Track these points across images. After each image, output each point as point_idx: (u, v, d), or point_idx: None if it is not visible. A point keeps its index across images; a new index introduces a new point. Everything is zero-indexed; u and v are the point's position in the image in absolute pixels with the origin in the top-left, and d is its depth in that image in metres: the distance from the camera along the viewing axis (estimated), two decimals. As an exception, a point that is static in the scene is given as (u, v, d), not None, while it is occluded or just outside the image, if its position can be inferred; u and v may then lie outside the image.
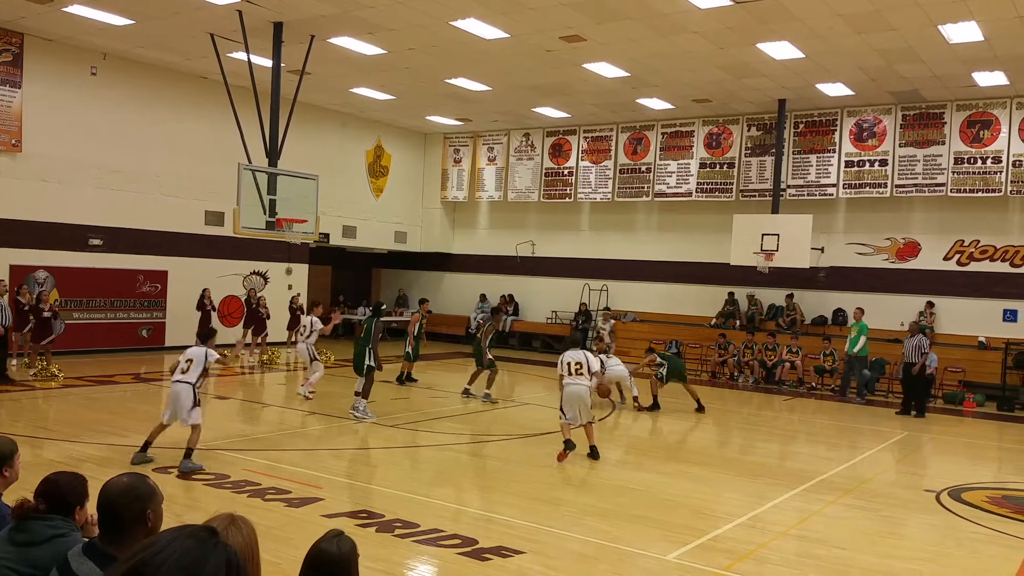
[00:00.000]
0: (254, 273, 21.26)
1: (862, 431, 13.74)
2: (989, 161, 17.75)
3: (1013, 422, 15.40)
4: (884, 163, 18.84)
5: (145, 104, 18.67)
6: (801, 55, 15.27)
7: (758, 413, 15.44)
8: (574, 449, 9.73)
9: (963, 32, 13.54)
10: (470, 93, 19.86)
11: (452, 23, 14.37)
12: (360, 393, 12.30)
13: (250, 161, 15.32)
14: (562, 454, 9.71)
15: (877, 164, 18.93)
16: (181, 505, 7.40)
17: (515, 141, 24.50)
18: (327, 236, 21.93)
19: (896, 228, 19.63)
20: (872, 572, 6.50)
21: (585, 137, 23.15)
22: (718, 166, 21.01)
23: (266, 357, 18.29)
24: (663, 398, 14.58)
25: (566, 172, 23.51)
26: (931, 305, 18.91)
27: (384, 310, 12.97)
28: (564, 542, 6.88)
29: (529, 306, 24.79)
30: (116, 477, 2.88)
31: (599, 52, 15.79)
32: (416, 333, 15.86)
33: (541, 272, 24.77)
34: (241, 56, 15.71)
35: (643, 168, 22.11)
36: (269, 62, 15.64)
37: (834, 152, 19.48)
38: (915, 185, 18.54)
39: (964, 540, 7.60)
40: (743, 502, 8.50)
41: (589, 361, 10.08)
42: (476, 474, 9.66)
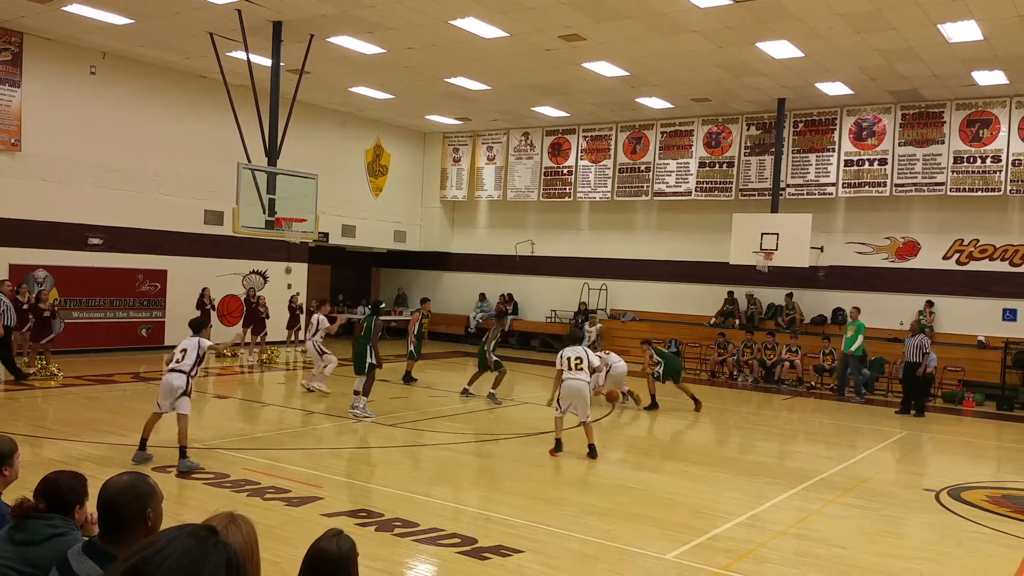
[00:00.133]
0: (253, 272, 21.26)
1: (861, 430, 13.75)
2: (988, 160, 17.75)
3: (1012, 421, 15.41)
4: (883, 162, 18.84)
5: (144, 103, 18.66)
6: (800, 54, 15.27)
7: (757, 412, 15.45)
8: (562, 451, 10.07)
9: (963, 31, 13.54)
10: (469, 92, 19.85)
11: (451, 22, 14.37)
12: (360, 391, 12.27)
13: (249, 160, 15.32)
14: (553, 451, 10.09)
15: (876, 163, 18.93)
16: (181, 504, 7.40)
17: (514, 140, 24.50)
18: (326, 235, 21.94)
19: (895, 227, 19.63)
20: (872, 571, 6.51)
21: (584, 136, 23.15)
22: (717, 165, 21.01)
23: (265, 356, 18.29)
24: (660, 397, 14.57)
25: (565, 171, 23.51)
26: (930, 304, 18.91)
27: (383, 309, 12.98)
28: (564, 541, 6.88)
29: (528, 305, 24.78)
30: (116, 476, 2.88)
31: (598, 51, 15.79)
32: (416, 332, 15.88)
33: (540, 271, 24.77)
34: (240, 55, 15.71)
35: (642, 167, 22.11)
36: (268, 61, 15.63)
37: (833, 151, 19.48)
38: (914, 184, 18.54)
39: (964, 539, 7.60)
40: (742, 501, 8.50)
41: (589, 357, 10.29)
42: (475, 473, 9.66)
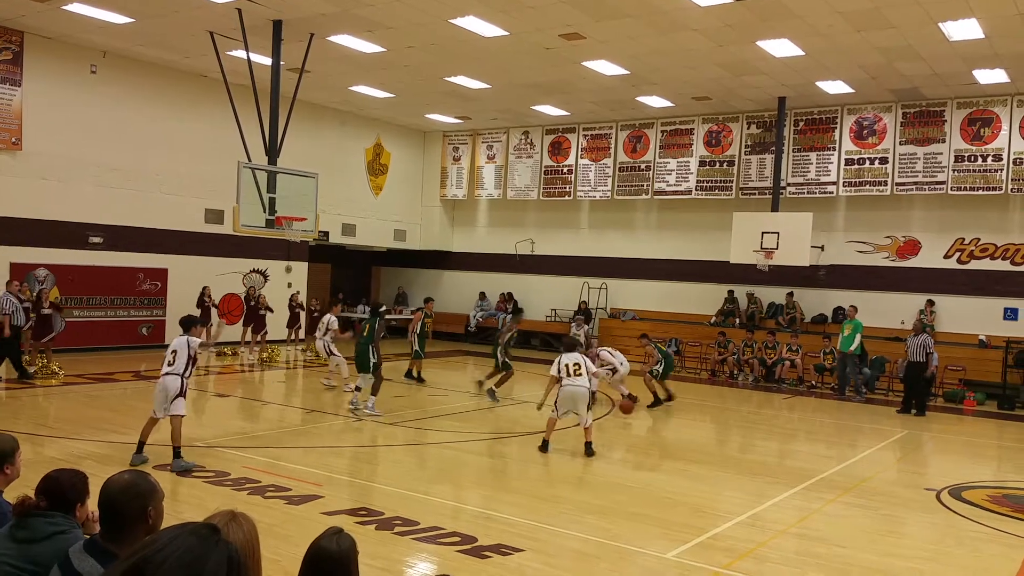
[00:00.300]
0: (254, 271, 21.27)
1: (862, 429, 13.75)
2: (990, 159, 17.73)
3: (1013, 421, 15.40)
4: (884, 161, 18.82)
5: (145, 102, 18.66)
6: (801, 53, 15.26)
7: (758, 411, 15.45)
8: (547, 451, 10.21)
9: (963, 29, 13.52)
10: (469, 91, 19.83)
11: (451, 21, 14.35)
12: (363, 389, 12.48)
13: (250, 159, 15.31)
14: (540, 449, 10.30)
15: (877, 162, 18.92)
16: (181, 503, 7.40)
17: (514, 139, 24.49)
18: (326, 234, 21.95)
19: (896, 226, 19.62)
20: (872, 571, 6.51)
21: (584, 135, 23.13)
22: (718, 164, 20.99)
23: (266, 355, 18.30)
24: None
25: (565, 170, 23.49)
26: (931, 303, 18.90)
27: (383, 311, 13.04)
28: (564, 540, 6.88)
29: (528, 304, 24.74)
30: (117, 474, 2.88)
31: (598, 50, 15.78)
32: (420, 331, 15.83)
33: (540, 270, 24.76)
34: (241, 54, 15.70)
35: (643, 166, 22.10)
36: (269, 60, 15.63)
37: (834, 150, 19.46)
38: (915, 183, 18.52)
39: (964, 539, 7.60)
40: (743, 500, 8.50)
41: (587, 364, 10.44)
42: (476, 472, 9.66)
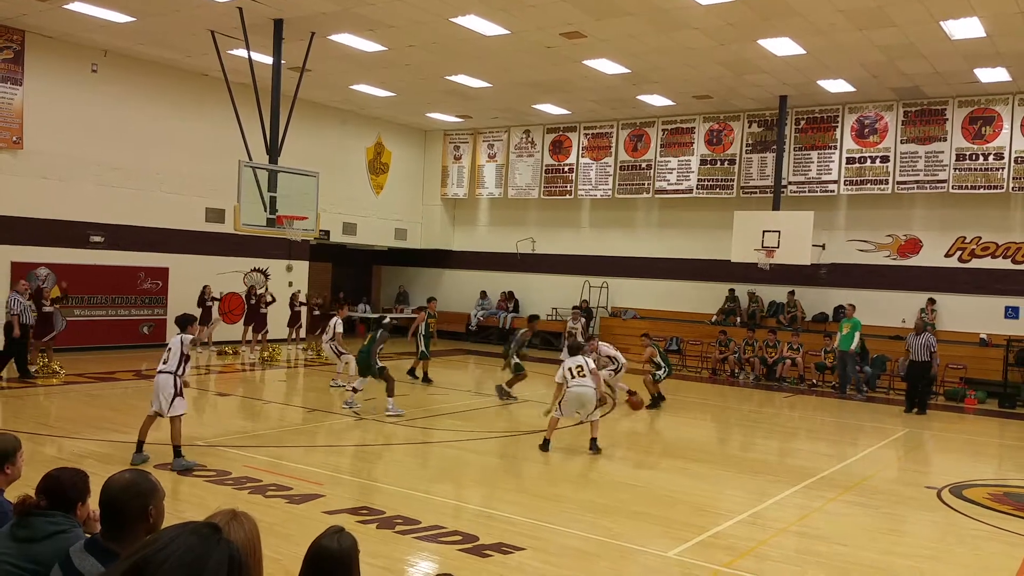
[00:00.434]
0: (255, 270, 21.27)
1: (863, 428, 13.74)
2: (991, 157, 17.71)
3: (1014, 419, 15.39)
4: (885, 159, 18.81)
5: (146, 101, 18.66)
6: (802, 51, 15.24)
7: (759, 410, 15.45)
8: (547, 450, 10.26)
9: (965, 28, 13.50)
10: (470, 90, 19.83)
11: (452, 20, 14.35)
12: (360, 389, 12.77)
13: (250, 158, 15.31)
14: (541, 448, 10.37)
15: (878, 160, 18.90)
16: (182, 502, 7.41)
17: (515, 138, 24.48)
18: (327, 233, 21.94)
19: (897, 225, 19.60)
20: (873, 569, 6.51)
21: (585, 134, 23.12)
22: (719, 163, 20.98)
23: (267, 354, 18.31)
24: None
25: (566, 169, 23.49)
26: (932, 302, 18.88)
27: (387, 323, 13.30)
28: (564, 538, 6.88)
29: (529, 303, 24.75)
30: (118, 473, 2.88)
31: (599, 48, 15.77)
32: (424, 332, 15.76)
33: (541, 269, 24.75)
34: (241, 53, 15.69)
35: (643, 165, 22.09)
36: (269, 59, 15.62)
37: (835, 148, 19.45)
38: (916, 182, 18.51)
39: (965, 537, 7.60)
40: (744, 499, 8.50)
41: (589, 365, 10.59)
42: (477, 471, 9.66)
